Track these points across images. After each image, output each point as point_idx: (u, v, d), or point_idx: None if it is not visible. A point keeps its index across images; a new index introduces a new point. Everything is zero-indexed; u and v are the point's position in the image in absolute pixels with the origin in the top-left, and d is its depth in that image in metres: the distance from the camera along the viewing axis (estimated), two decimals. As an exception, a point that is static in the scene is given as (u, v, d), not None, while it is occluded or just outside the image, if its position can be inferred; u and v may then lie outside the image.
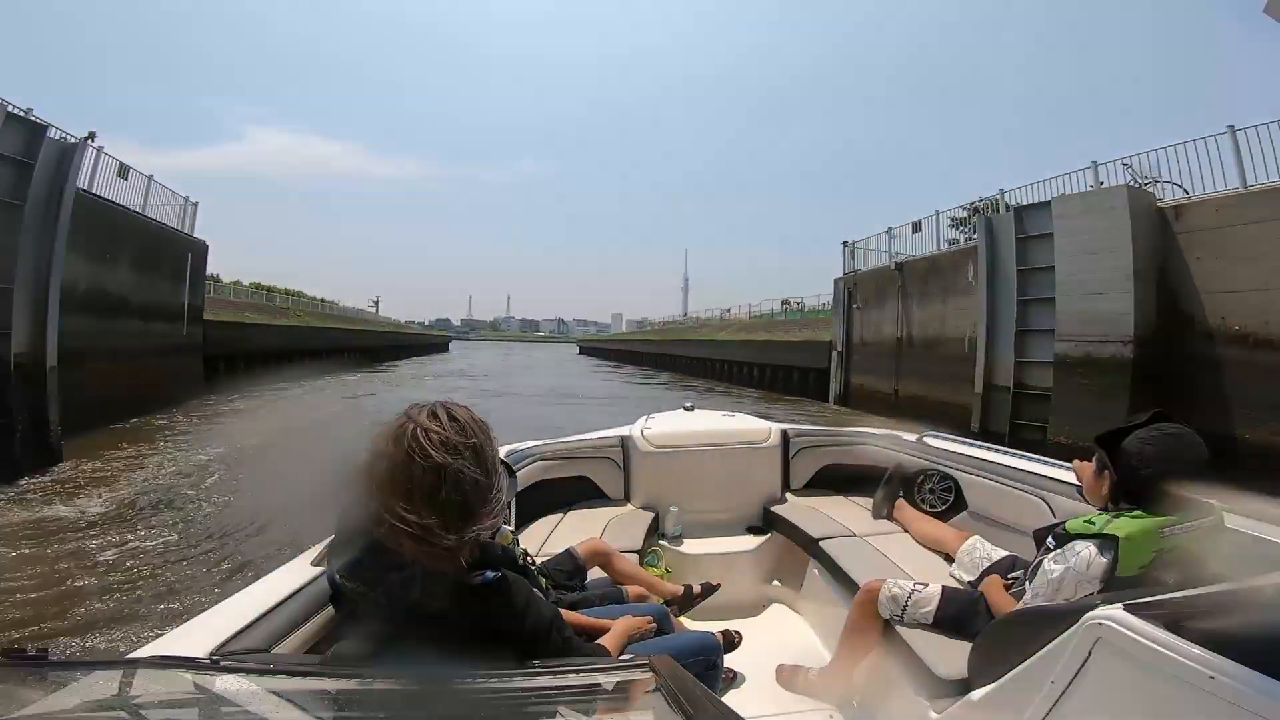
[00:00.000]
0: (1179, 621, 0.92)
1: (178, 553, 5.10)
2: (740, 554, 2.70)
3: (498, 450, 1.01)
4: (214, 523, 5.87)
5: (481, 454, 0.96)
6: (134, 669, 0.69)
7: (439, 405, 0.98)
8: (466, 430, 0.95)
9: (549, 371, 37.47)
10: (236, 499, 6.67)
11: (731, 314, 40.64)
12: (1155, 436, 1.40)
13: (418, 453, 0.91)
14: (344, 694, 0.71)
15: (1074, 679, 1.05)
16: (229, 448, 9.14)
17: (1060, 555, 1.44)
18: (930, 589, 1.74)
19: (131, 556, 4.98)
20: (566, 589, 1.87)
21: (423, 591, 0.94)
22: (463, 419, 0.97)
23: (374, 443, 0.95)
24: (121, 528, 5.66)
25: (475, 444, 0.95)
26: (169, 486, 7.18)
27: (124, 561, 4.87)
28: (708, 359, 30.87)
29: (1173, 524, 1.35)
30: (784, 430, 3.14)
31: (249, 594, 1.27)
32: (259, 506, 6.11)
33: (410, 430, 0.92)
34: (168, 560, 4.93)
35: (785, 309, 32.53)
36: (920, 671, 1.61)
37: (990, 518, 2.40)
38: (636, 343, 56.07)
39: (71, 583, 4.43)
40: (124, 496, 6.71)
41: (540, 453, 2.99)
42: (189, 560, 4.94)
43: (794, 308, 31.42)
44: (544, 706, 0.67)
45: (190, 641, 1.06)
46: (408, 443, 0.92)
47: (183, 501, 6.62)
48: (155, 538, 5.40)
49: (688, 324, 50.75)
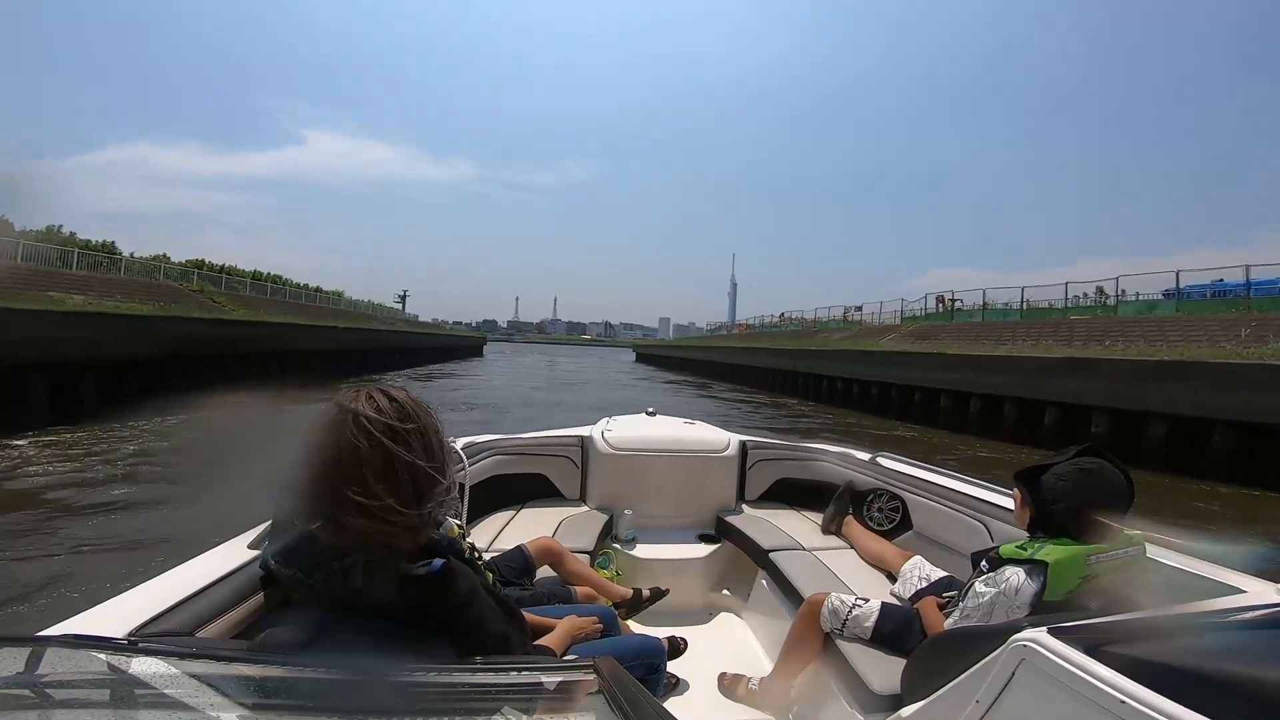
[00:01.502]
0: (1098, 646, 0.97)
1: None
2: (691, 560, 2.72)
3: (441, 428, 1.00)
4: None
5: (426, 434, 0.95)
6: (44, 646, 0.65)
7: (375, 389, 0.97)
8: (407, 412, 0.95)
9: (608, 393, 25.05)
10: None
11: (862, 316, 29.84)
12: (1070, 472, 1.48)
13: (362, 437, 0.89)
14: (270, 681, 0.67)
15: (998, 698, 1.09)
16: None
17: (991, 579, 1.50)
18: (870, 604, 1.79)
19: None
20: (515, 586, 1.84)
21: (364, 580, 0.91)
22: (402, 400, 0.96)
23: (312, 434, 0.93)
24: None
25: (419, 425, 0.95)
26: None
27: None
28: (852, 380, 21.74)
29: (1099, 552, 1.42)
30: (743, 441, 3.18)
31: (174, 575, 1.20)
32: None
33: (350, 418, 0.91)
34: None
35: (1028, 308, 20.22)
36: (856, 685, 1.65)
37: (933, 538, 2.47)
38: (713, 349, 42.96)
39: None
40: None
41: (497, 447, 2.95)
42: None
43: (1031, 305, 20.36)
44: (485, 703, 0.66)
45: (107, 621, 1.00)
46: (350, 429, 0.90)
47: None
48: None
49: (785, 327, 39.08)
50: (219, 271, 28.47)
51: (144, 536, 5.64)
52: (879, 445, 3.49)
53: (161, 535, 5.60)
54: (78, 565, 4.92)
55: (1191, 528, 1.65)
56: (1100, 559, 1.42)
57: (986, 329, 19.84)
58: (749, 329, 45.14)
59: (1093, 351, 14.10)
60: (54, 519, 6.14)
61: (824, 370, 24.33)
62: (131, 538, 5.61)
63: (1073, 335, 16.10)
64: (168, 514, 6.40)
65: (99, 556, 5.19)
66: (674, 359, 53.37)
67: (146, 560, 4.68)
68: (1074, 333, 16.37)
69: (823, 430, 15.11)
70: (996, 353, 16.32)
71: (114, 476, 7.95)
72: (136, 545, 5.38)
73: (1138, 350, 13.28)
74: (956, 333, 20.57)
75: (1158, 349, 12.98)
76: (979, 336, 18.96)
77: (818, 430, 15.11)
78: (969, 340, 18.75)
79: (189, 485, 7.45)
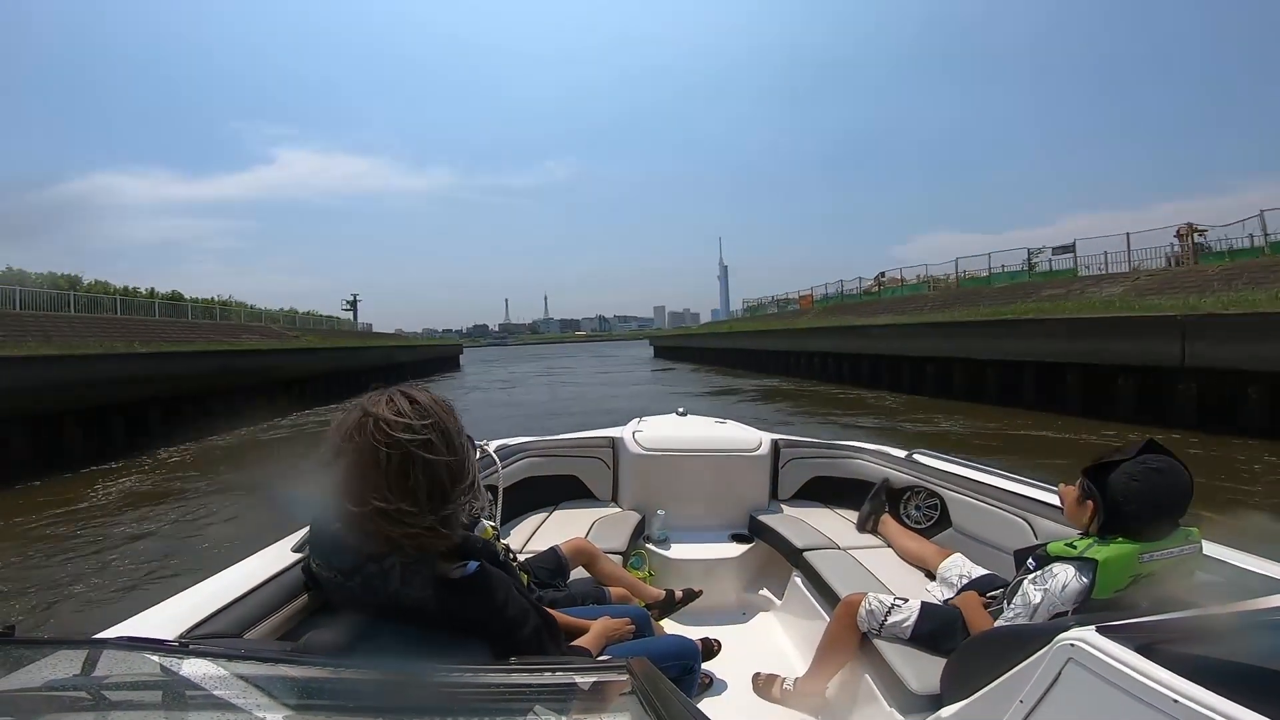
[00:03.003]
0: (1150, 645, 0.93)
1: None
2: (724, 561, 2.70)
3: (462, 427, 1.00)
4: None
5: (447, 433, 0.96)
6: (100, 649, 0.68)
7: (396, 391, 0.97)
8: (428, 412, 0.95)
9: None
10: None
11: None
12: (1141, 472, 1.42)
13: (382, 441, 0.90)
14: (315, 682, 0.70)
15: (1043, 698, 1.06)
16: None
17: (1040, 577, 1.46)
18: (909, 604, 1.75)
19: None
20: (549, 587, 1.86)
21: (401, 582, 0.93)
22: (423, 401, 0.97)
23: (334, 438, 0.94)
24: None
25: (439, 424, 0.95)
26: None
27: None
28: (950, 359, 15.64)
29: (1153, 550, 1.37)
30: (775, 440, 3.15)
31: (222, 578, 1.25)
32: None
33: (371, 422, 0.92)
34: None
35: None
36: (894, 686, 1.62)
37: (973, 536, 2.41)
38: (771, 335, 30.36)
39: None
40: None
41: (530, 450, 2.98)
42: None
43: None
44: (519, 704, 0.66)
45: (159, 623, 1.04)
46: (370, 433, 0.91)
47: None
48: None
49: (918, 288, 25.44)
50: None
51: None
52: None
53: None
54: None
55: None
56: (1153, 556, 1.37)
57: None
58: (812, 303, 33.97)
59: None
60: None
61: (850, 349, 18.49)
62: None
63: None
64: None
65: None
66: (715, 351, 37.88)
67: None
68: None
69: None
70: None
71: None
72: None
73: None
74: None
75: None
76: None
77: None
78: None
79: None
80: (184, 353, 16.93)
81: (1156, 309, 12.17)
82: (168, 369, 15.20)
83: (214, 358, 17.96)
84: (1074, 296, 15.92)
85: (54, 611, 4.93)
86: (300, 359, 23.40)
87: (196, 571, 1.53)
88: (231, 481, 9.35)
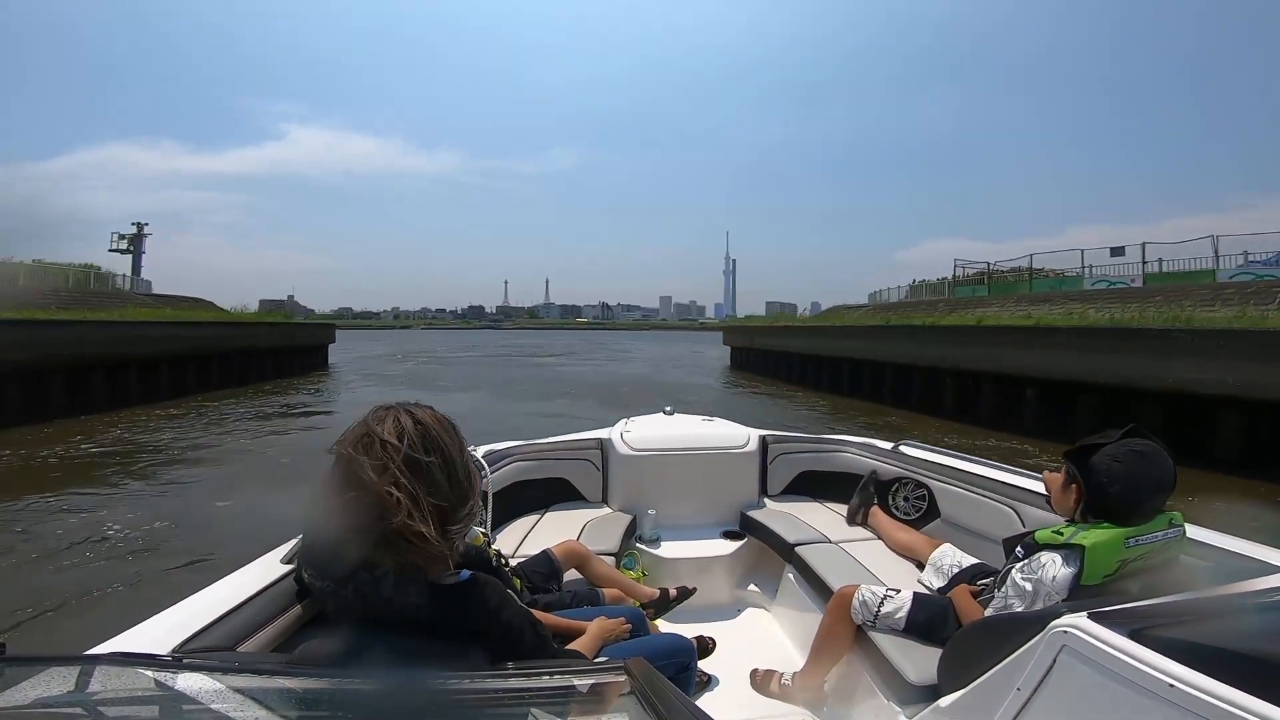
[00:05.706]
0: (1141, 630, 0.95)
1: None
2: (717, 558, 2.71)
3: (466, 448, 1.01)
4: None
5: (449, 455, 0.96)
6: (93, 665, 0.67)
7: (400, 409, 0.97)
8: (432, 433, 0.95)
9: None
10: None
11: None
12: (1125, 454, 1.43)
13: (381, 465, 0.90)
14: (311, 693, 0.69)
15: (1039, 685, 1.07)
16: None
17: (1028, 565, 1.47)
18: (901, 595, 1.77)
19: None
20: (543, 590, 1.86)
21: (395, 591, 0.93)
22: (427, 421, 0.97)
23: (340, 454, 0.94)
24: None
25: (442, 446, 0.96)
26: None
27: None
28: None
29: (1138, 535, 1.39)
30: (763, 436, 3.16)
31: (214, 591, 1.23)
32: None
33: (377, 442, 0.92)
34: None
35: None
36: (891, 677, 1.63)
37: (961, 526, 2.44)
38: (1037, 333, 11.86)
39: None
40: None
41: (518, 453, 2.97)
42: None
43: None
44: (517, 708, 0.66)
45: (152, 638, 1.03)
46: (377, 453, 0.91)
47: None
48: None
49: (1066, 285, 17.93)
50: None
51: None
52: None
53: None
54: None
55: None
56: (1139, 541, 1.39)
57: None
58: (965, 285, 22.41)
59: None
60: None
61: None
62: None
63: None
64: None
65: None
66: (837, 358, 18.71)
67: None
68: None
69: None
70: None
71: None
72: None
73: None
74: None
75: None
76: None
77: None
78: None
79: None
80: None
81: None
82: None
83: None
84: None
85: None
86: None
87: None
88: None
